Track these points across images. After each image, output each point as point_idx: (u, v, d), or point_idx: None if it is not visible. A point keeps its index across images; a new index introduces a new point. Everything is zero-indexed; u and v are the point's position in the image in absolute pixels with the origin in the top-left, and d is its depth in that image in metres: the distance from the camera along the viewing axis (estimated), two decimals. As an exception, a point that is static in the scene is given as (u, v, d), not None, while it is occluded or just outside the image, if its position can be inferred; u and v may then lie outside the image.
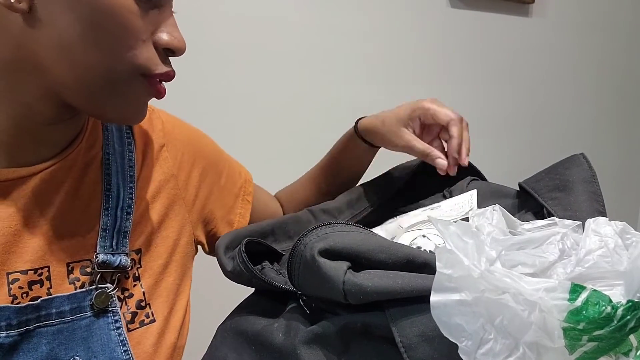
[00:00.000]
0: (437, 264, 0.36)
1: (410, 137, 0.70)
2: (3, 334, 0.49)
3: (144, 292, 0.60)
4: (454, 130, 0.68)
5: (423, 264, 0.42)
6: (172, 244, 0.64)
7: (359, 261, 0.43)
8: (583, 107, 1.77)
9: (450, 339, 0.35)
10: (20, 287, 0.52)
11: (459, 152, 0.68)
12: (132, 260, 0.59)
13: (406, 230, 0.55)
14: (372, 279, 0.40)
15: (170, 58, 0.53)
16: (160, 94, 0.53)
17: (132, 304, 0.59)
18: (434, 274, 0.37)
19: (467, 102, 1.58)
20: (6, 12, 0.47)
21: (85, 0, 0.46)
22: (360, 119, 0.78)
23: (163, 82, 0.53)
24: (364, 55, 1.43)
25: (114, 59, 0.48)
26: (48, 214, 0.54)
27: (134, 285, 0.59)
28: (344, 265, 0.42)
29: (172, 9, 0.52)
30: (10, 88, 0.51)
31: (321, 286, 0.43)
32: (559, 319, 0.34)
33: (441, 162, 0.67)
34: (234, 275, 0.51)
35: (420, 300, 0.39)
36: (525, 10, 1.64)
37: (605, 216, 0.50)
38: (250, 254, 0.51)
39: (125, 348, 0.56)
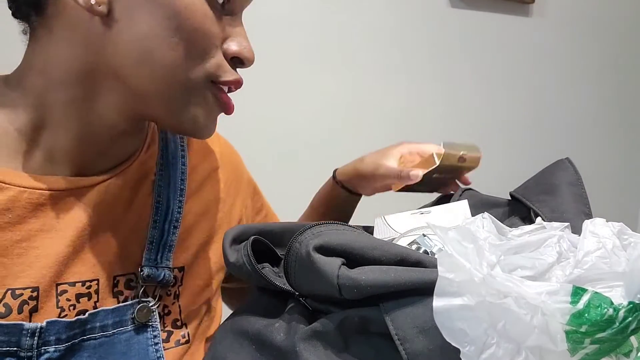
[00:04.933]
0: (439, 268, 0.36)
1: (393, 163, 0.72)
2: (52, 349, 0.49)
3: (180, 312, 0.59)
4: None
5: (416, 262, 0.42)
6: (214, 267, 0.63)
7: (353, 258, 0.43)
8: (583, 107, 1.77)
9: (453, 344, 0.35)
10: (68, 300, 0.51)
11: None
12: (175, 277, 0.58)
13: (403, 235, 0.56)
14: (366, 273, 0.41)
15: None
16: (228, 107, 0.53)
17: (169, 322, 0.58)
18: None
19: (467, 102, 1.58)
20: (85, 17, 0.47)
21: (163, 3, 0.46)
22: (337, 169, 0.80)
23: (231, 99, 0.53)
24: (364, 55, 1.43)
25: (190, 64, 0.48)
26: (101, 226, 0.54)
27: (173, 303, 0.58)
28: (338, 260, 0.42)
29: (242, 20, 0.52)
30: (86, 97, 0.50)
31: (316, 282, 0.43)
32: (562, 322, 0.34)
33: (415, 172, 0.68)
34: (235, 267, 0.51)
35: (413, 293, 0.39)
36: (525, 10, 1.64)
37: (591, 217, 0.51)
38: (253, 252, 0.51)
39: None
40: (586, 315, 0.34)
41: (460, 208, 0.62)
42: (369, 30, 1.43)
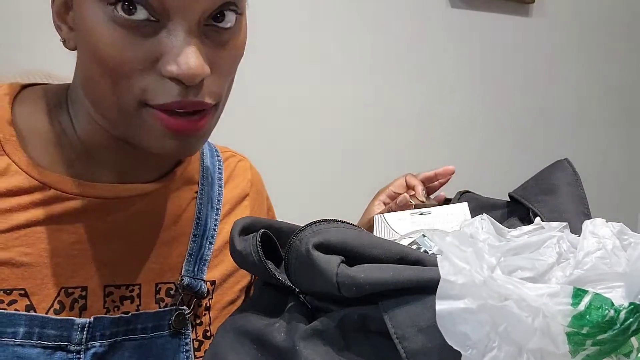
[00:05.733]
0: (441, 271, 0.36)
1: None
2: (97, 343, 0.52)
3: (210, 323, 0.61)
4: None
5: (415, 261, 0.42)
6: (242, 287, 0.65)
7: (353, 256, 0.43)
8: (583, 107, 1.77)
9: (455, 348, 0.35)
10: (113, 301, 0.55)
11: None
12: (207, 290, 0.61)
13: (403, 237, 0.56)
14: (365, 271, 0.41)
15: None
16: (173, 130, 0.48)
17: (200, 332, 0.60)
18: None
19: (467, 102, 1.58)
20: None
21: (85, 38, 0.47)
22: None
23: (178, 119, 0.49)
24: (364, 55, 1.43)
25: (118, 90, 0.47)
26: (145, 234, 0.57)
27: (204, 315, 0.61)
28: (337, 258, 0.42)
29: (193, 33, 0.47)
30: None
31: (316, 280, 0.43)
32: (563, 324, 0.34)
33: (403, 196, 0.69)
34: (241, 255, 0.51)
35: (413, 291, 0.39)
36: (525, 10, 1.64)
37: (590, 217, 0.52)
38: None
39: None
40: (587, 316, 0.34)
41: (460, 210, 0.63)
42: (369, 30, 1.43)
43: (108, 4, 0.44)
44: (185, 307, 0.58)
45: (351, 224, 0.49)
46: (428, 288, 0.38)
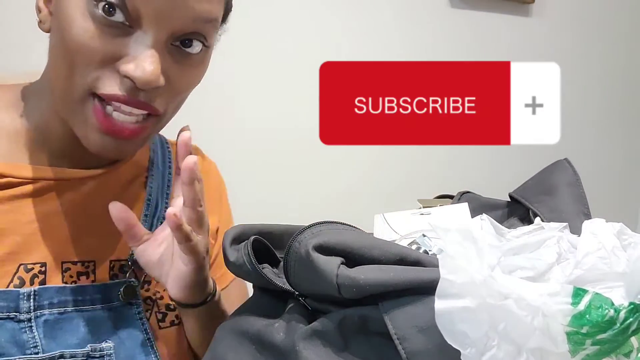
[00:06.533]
0: (441, 270, 0.36)
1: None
2: (46, 312, 0.55)
3: (170, 297, 0.62)
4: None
5: (415, 262, 0.42)
6: None
7: (353, 257, 0.43)
8: (583, 107, 1.77)
9: (454, 347, 0.35)
10: (71, 276, 0.58)
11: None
12: None
13: (403, 237, 0.56)
14: (365, 272, 0.41)
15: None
16: (103, 125, 0.52)
17: (162, 305, 0.64)
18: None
19: (467, 102, 1.58)
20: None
21: (58, 16, 0.51)
22: None
23: (121, 118, 0.52)
24: (364, 55, 1.43)
25: (72, 73, 0.51)
26: (97, 214, 0.59)
27: (164, 290, 0.63)
28: (337, 260, 0.42)
29: (158, 46, 0.51)
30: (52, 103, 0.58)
31: (315, 281, 0.43)
32: (563, 323, 0.34)
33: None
34: (235, 266, 0.52)
35: (413, 292, 0.39)
36: (525, 10, 1.64)
37: (590, 217, 0.52)
38: (254, 251, 0.51)
39: (148, 336, 0.61)
40: (587, 316, 0.34)
41: (460, 210, 0.63)
42: (369, 30, 1.43)
43: (92, 0, 0.49)
44: (133, 280, 0.61)
45: (350, 226, 0.49)
46: (428, 289, 0.38)
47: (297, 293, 0.49)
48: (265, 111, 1.32)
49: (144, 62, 0.50)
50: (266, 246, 0.54)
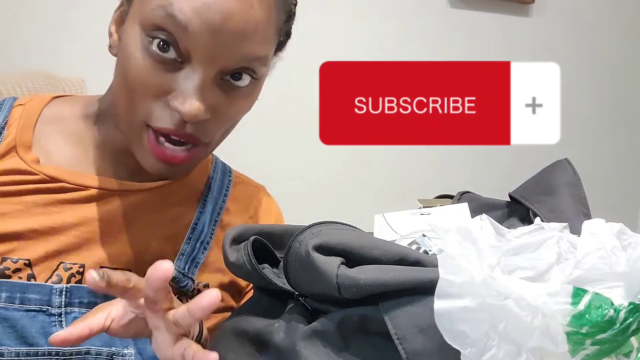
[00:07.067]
0: (440, 270, 0.36)
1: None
2: (76, 309, 0.57)
3: None
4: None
5: (415, 262, 0.42)
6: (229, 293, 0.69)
7: (353, 257, 0.43)
8: (583, 107, 1.77)
9: (454, 346, 0.35)
10: None
11: None
12: (198, 290, 0.64)
13: (403, 237, 0.56)
14: (365, 272, 0.41)
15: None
16: (156, 153, 0.56)
17: None
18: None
19: (467, 102, 1.58)
20: None
21: (121, 49, 0.56)
22: None
23: (171, 147, 0.56)
24: (364, 55, 1.43)
25: (131, 105, 0.55)
26: (142, 226, 0.62)
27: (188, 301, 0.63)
28: (337, 260, 0.42)
29: (207, 81, 0.54)
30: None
31: (315, 281, 0.43)
32: (563, 323, 0.34)
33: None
34: (235, 266, 0.52)
35: (413, 292, 0.39)
36: (525, 10, 1.64)
37: (590, 218, 0.52)
38: (253, 251, 0.51)
39: None
40: (587, 316, 0.34)
41: (460, 210, 0.63)
42: (369, 30, 1.43)
43: (147, 36, 0.53)
44: None
45: (350, 226, 0.49)
46: (428, 289, 0.38)
47: (297, 293, 0.48)
48: (265, 111, 1.32)
49: (190, 97, 0.53)
50: (266, 246, 0.54)
